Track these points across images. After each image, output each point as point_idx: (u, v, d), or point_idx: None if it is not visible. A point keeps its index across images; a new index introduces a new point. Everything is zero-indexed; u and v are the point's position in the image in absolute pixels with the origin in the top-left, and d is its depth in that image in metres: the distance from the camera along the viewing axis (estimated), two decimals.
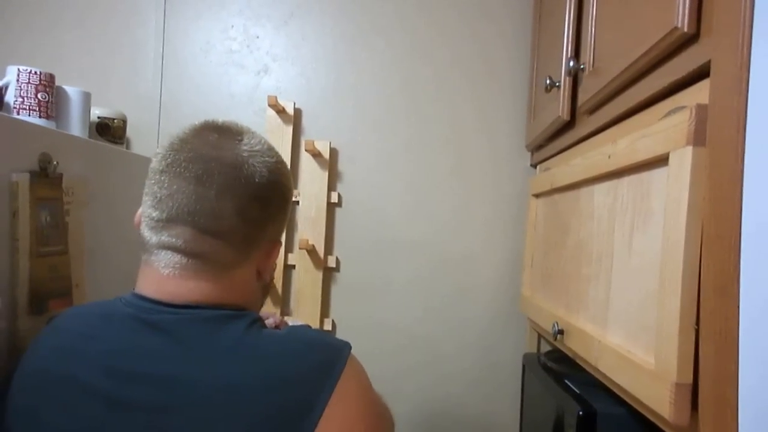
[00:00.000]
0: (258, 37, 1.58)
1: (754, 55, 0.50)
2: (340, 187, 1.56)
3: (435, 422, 1.54)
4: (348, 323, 1.56)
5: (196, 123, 0.74)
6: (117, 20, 1.59)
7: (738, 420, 0.49)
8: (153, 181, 0.70)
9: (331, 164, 1.54)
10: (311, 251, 1.52)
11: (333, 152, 1.56)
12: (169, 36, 1.58)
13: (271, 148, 0.76)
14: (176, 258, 0.68)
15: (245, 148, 0.71)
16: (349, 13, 1.56)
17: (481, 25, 1.55)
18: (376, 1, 1.56)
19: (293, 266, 1.55)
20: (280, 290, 1.53)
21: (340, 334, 1.55)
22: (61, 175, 1.00)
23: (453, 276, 1.55)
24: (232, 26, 1.58)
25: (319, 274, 1.53)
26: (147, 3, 1.59)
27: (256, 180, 0.71)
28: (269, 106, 1.50)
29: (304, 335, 0.70)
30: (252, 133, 0.76)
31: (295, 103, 1.55)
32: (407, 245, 1.55)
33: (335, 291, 1.57)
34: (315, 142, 1.50)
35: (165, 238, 0.68)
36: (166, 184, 0.69)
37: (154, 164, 0.71)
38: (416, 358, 1.55)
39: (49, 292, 0.97)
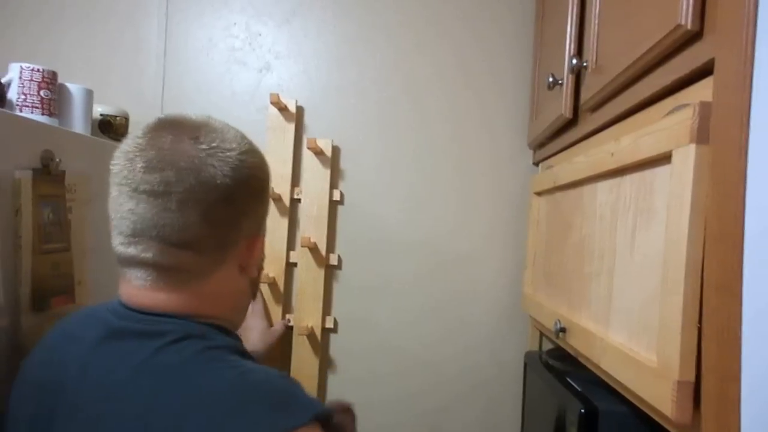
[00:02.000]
0: (260, 34, 1.58)
1: (757, 53, 0.50)
2: (342, 185, 1.56)
3: (435, 420, 1.54)
4: (349, 321, 1.56)
5: (151, 122, 0.70)
6: (119, 18, 1.59)
7: (740, 418, 0.49)
8: (115, 194, 0.68)
9: (333, 162, 1.54)
10: (313, 249, 1.52)
11: (335, 150, 1.56)
12: (171, 33, 1.59)
13: (231, 139, 0.70)
14: (146, 272, 0.67)
15: (203, 147, 0.67)
16: (351, 11, 1.56)
17: (483, 23, 1.54)
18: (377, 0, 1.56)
19: (295, 264, 1.55)
20: (282, 288, 1.53)
21: (342, 332, 1.55)
22: (63, 173, 1.01)
23: (455, 274, 1.55)
24: (235, 24, 1.58)
25: (321, 272, 1.53)
26: (149, 0, 1.59)
27: (218, 182, 0.67)
28: (271, 103, 1.50)
29: (264, 381, 0.62)
30: (209, 125, 0.70)
31: (297, 101, 1.55)
32: (409, 243, 1.55)
33: (337, 289, 1.57)
34: (317, 140, 1.50)
35: (133, 253, 0.67)
36: (124, 199, 0.66)
37: (113, 174, 0.68)
38: (418, 356, 1.55)
39: (51, 290, 0.97)
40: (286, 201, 1.52)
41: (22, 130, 0.92)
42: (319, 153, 1.53)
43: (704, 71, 0.60)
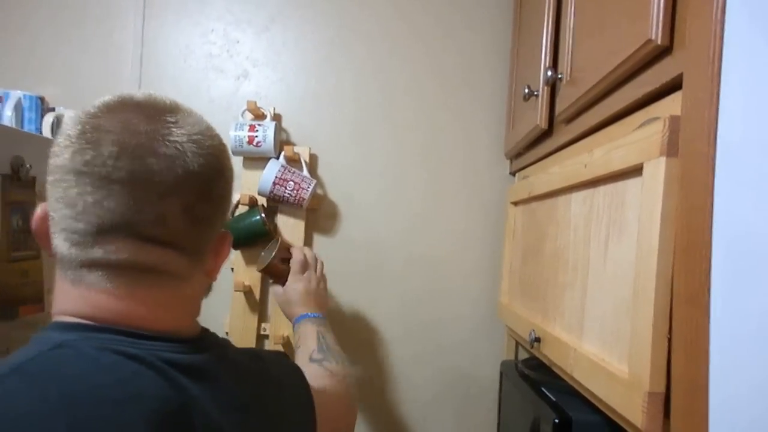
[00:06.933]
0: (238, 41, 1.57)
1: (724, 68, 0.51)
2: (320, 192, 1.56)
3: (411, 429, 1.54)
4: None
5: (108, 99, 0.61)
6: (95, 23, 1.57)
7: (708, 429, 0.50)
8: (68, 184, 0.56)
9: (310, 170, 1.54)
10: None
11: (313, 158, 1.55)
12: (147, 39, 1.57)
13: (209, 126, 0.65)
14: (120, 277, 0.57)
15: (183, 132, 0.59)
16: (330, 19, 1.56)
17: (461, 34, 1.56)
18: (356, 8, 1.56)
19: None
20: (257, 295, 1.52)
21: None
22: (34, 179, 0.99)
23: (431, 283, 1.55)
24: (212, 30, 1.57)
25: None
26: (126, 6, 1.57)
27: (203, 172, 0.60)
28: (248, 111, 1.49)
29: None
30: (182, 108, 0.64)
31: (274, 109, 1.54)
32: (385, 250, 1.55)
33: None
34: (294, 148, 1.49)
35: (100, 254, 0.56)
36: (89, 189, 0.55)
37: (64, 161, 0.56)
38: (393, 364, 1.54)
39: (20, 298, 0.95)
40: None
41: None
42: (296, 161, 1.52)
43: (674, 85, 0.62)
